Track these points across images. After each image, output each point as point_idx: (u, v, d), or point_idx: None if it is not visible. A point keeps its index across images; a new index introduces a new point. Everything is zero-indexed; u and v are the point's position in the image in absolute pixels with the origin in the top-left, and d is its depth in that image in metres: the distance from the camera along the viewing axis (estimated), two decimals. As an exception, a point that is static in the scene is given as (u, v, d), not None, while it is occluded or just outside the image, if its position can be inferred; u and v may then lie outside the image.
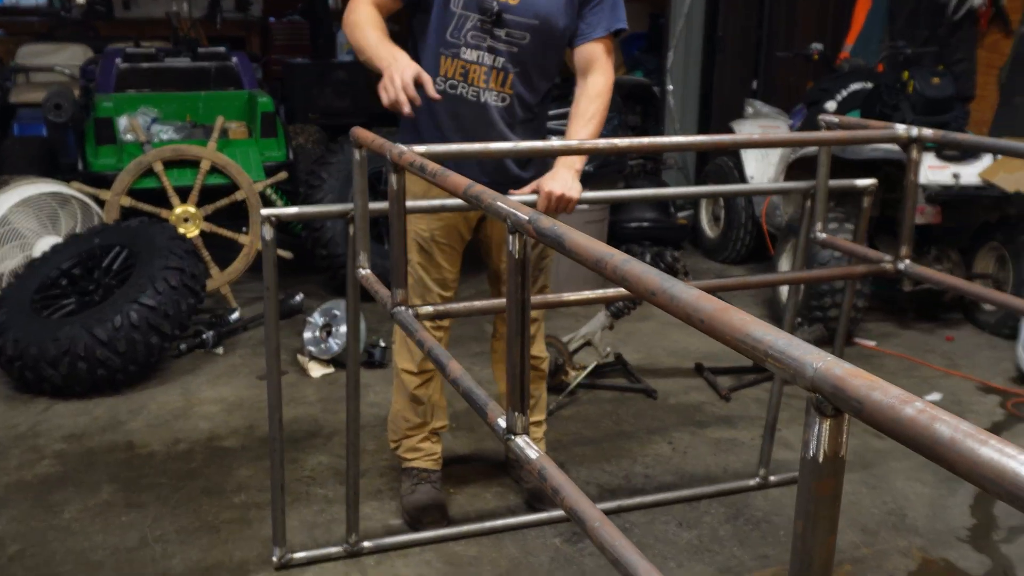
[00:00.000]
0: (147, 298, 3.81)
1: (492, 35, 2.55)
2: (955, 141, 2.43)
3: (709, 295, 0.98)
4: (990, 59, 5.52)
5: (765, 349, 0.87)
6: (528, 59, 2.59)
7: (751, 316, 0.92)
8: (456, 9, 2.54)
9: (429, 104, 2.57)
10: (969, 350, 4.48)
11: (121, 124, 5.01)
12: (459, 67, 2.57)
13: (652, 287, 1.05)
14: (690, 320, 0.98)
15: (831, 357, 0.82)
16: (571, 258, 1.23)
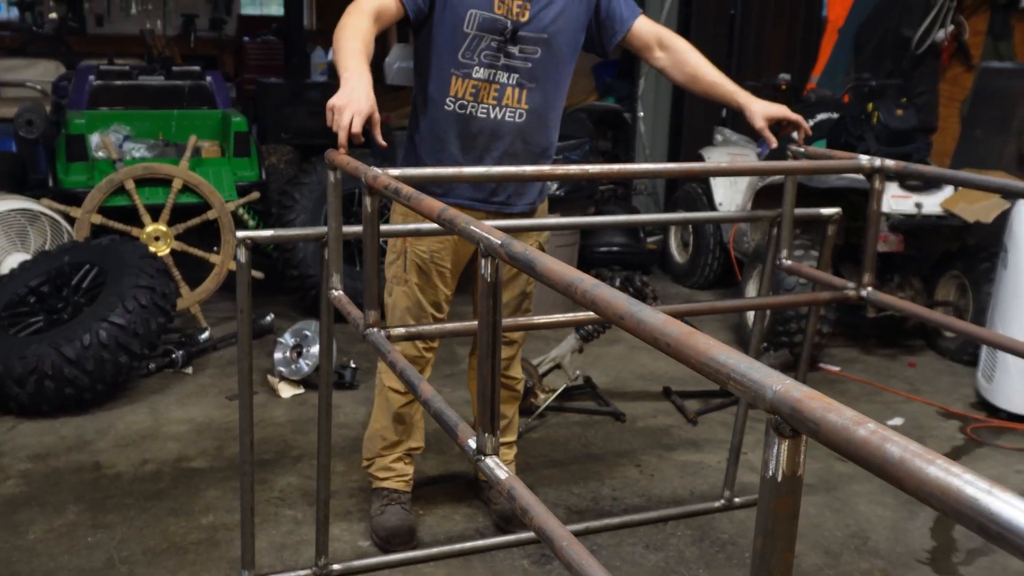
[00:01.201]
0: (116, 317, 3.80)
1: (506, 53, 2.58)
2: (916, 172, 2.50)
3: (675, 320, 1.02)
4: (952, 92, 5.65)
5: (728, 372, 0.91)
6: (541, 73, 2.63)
7: (715, 340, 0.96)
8: (469, 31, 2.56)
9: (434, 123, 2.62)
10: (930, 376, 4.56)
11: (93, 141, 5.00)
12: (470, 87, 2.59)
13: (620, 311, 1.08)
14: (657, 344, 1.02)
15: (790, 380, 0.86)
16: (542, 282, 1.27)
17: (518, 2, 2.57)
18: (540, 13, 2.59)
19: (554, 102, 2.72)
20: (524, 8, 2.58)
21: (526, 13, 2.58)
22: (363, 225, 1.98)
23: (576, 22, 2.67)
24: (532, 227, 2.71)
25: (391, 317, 2.82)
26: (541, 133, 2.72)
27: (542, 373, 3.93)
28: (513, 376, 3.01)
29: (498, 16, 2.56)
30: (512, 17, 2.57)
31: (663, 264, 6.24)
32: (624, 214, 6.00)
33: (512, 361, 3.00)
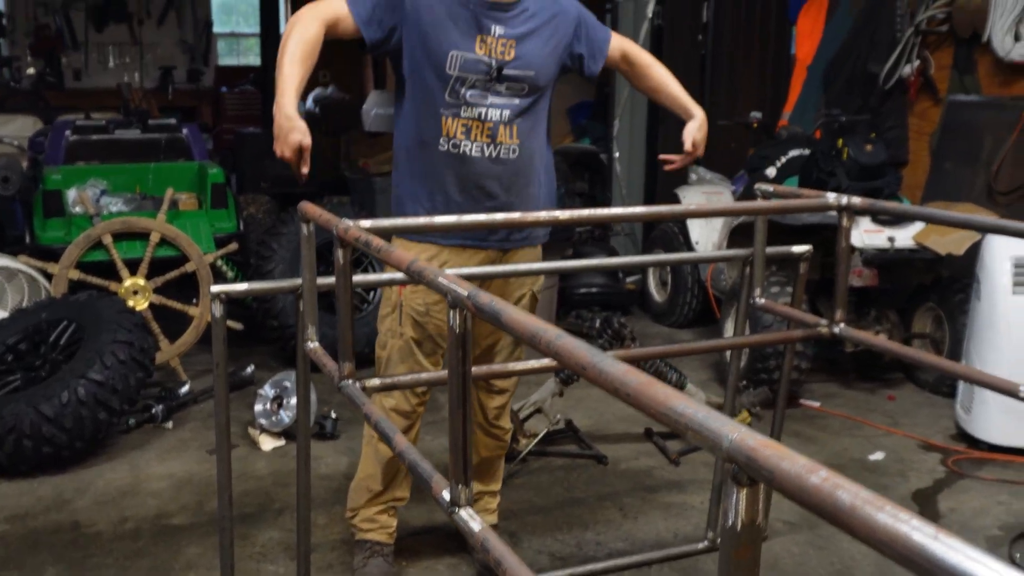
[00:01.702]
0: (95, 373, 3.78)
1: (493, 91, 2.61)
2: (883, 209, 2.53)
3: (636, 370, 1.03)
4: (921, 126, 5.74)
5: (686, 422, 0.92)
6: (530, 108, 2.67)
7: (673, 390, 0.98)
8: (453, 72, 2.58)
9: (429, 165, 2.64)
10: (910, 408, 4.59)
11: (70, 196, 5.00)
12: (460, 125, 2.61)
13: (583, 362, 1.10)
14: (617, 393, 1.03)
15: (745, 429, 0.88)
16: (508, 333, 1.28)
17: (502, 42, 2.61)
18: (526, 51, 2.63)
19: (544, 136, 2.78)
20: (508, 47, 2.61)
21: (511, 52, 2.61)
22: (335, 277, 2.00)
23: (556, 55, 2.72)
24: (512, 273, 2.72)
25: (383, 372, 2.79)
26: (540, 167, 2.76)
27: (523, 418, 3.92)
28: (502, 426, 3.01)
29: (481, 57, 2.59)
30: (496, 56, 2.60)
31: (643, 303, 6.27)
32: (602, 255, 6.03)
33: (502, 410, 3.00)
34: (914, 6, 5.57)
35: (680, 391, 3.81)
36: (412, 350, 2.74)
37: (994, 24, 5.00)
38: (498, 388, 2.94)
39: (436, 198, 2.66)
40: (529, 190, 2.74)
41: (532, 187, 2.75)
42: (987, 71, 5.28)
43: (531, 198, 2.75)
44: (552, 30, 2.69)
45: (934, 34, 5.53)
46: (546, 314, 5.23)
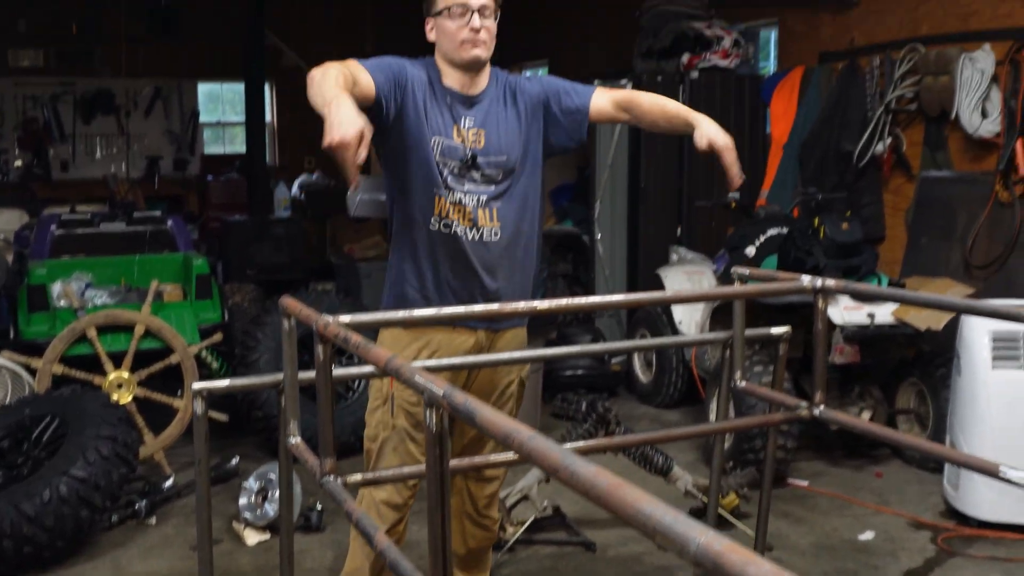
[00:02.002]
0: (77, 470, 3.74)
1: (470, 178, 2.69)
2: (855, 290, 2.58)
3: (605, 471, 1.05)
4: (896, 202, 5.84)
5: (654, 524, 0.94)
6: (508, 191, 2.73)
7: (641, 492, 0.99)
8: (437, 158, 2.68)
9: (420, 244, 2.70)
10: (898, 485, 4.57)
11: (55, 290, 5.02)
12: (448, 208, 2.68)
13: (555, 464, 1.11)
14: (587, 494, 1.04)
15: (712, 533, 0.89)
16: (483, 432, 1.30)
17: (472, 131, 2.70)
18: (495, 139, 2.71)
19: (528, 216, 2.81)
20: (479, 136, 2.70)
21: (481, 140, 2.70)
22: (316, 372, 2.01)
23: (531, 137, 2.78)
24: (496, 362, 2.73)
25: (373, 464, 2.78)
26: (521, 248, 2.80)
27: (510, 506, 3.89)
28: (491, 515, 2.98)
29: (457, 144, 2.68)
30: (469, 145, 2.69)
31: (629, 384, 6.27)
32: (587, 337, 6.06)
33: (492, 499, 2.97)
34: (883, 86, 5.71)
35: (666, 475, 3.80)
36: (405, 441, 2.74)
37: (961, 102, 5.13)
38: (488, 476, 2.93)
39: (428, 276, 2.72)
40: (516, 271, 2.79)
41: (519, 268, 2.80)
42: (957, 147, 5.39)
43: (518, 279, 2.80)
44: (516, 114, 2.77)
45: (904, 112, 5.66)
46: (532, 398, 5.23)
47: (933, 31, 5.50)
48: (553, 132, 2.83)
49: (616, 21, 8.43)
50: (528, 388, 5.11)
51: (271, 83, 12.23)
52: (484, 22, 2.63)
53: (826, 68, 6.24)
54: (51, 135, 12.07)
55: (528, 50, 10.43)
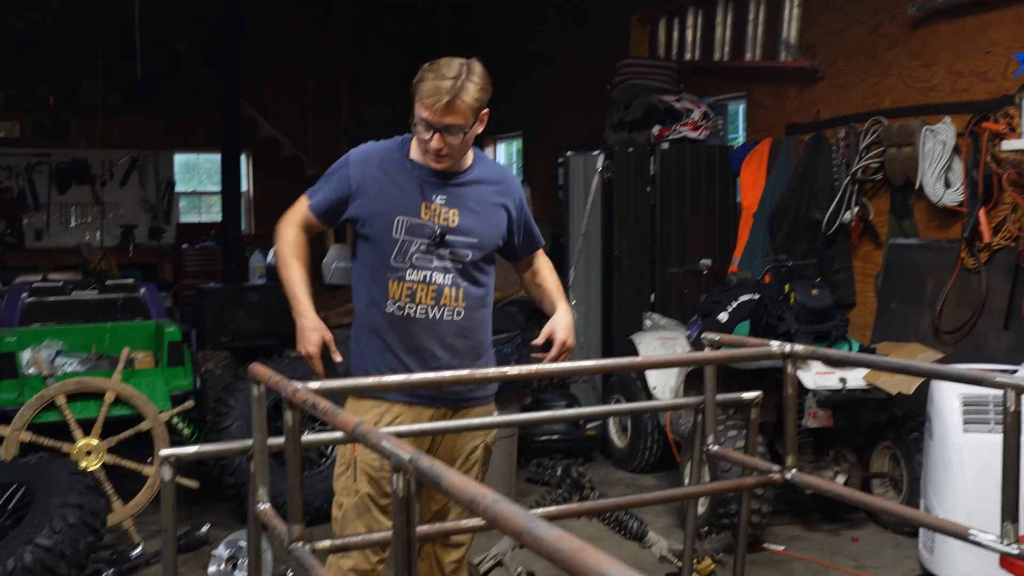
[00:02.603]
0: (43, 538, 3.68)
1: (438, 255, 2.72)
2: (824, 355, 2.61)
3: (569, 536, 1.05)
4: (866, 268, 5.93)
5: (616, 588, 0.94)
6: (474, 271, 2.78)
7: (605, 556, 0.99)
8: (399, 236, 2.70)
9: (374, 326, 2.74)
10: (874, 549, 4.57)
11: (24, 358, 4.98)
12: (405, 289, 2.71)
13: (519, 528, 1.12)
14: (552, 559, 1.05)
15: (671, 593, 0.90)
16: (448, 496, 1.30)
17: (444, 208, 2.74)
18: (469, 219, 2.76)
19: (487, 298, 2.86)
20: (452, 215, 2.74)
21: (455, 219, 2.74)
22: (284, 439, 2.00)
23: (498, 227, 2.84)
24: (465, 428, 2.74)
25: (340, 530, 2.76)
26: (480, 329, 2.83)
27: (484, 572, 3.85)
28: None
29: (425, 222, 2.71)
30: (440, 222, 2.72)
31: (604, 449, 6.25)
32: (561, 402, 6.05)
33: (459, 564, 2.95)
34: (849, 156, 5.84)
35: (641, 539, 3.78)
36: (368, 507, 2.72)
37: (924, 173, 5.25)
38: (454, 542, 2.91)
39: (385, 355, 2.73)
40: (473, 350, 2.81)
41: (477, 347, 2.82)
42: (923, 216, 5.50)
43: (476, 358, 2.82)
44: (496, 201, 2.83)
45: (870, 182, 5.78)
46: (507, 462, 5.20)
47: (895, 104, 5.66)
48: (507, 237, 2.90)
49: (588, 94, 8.59)
50: (502, 452, 5.12)
51: (247, 153, 12.32)
52: (451, 139, 2.64)
53: (793, 139, 6.38)
54: (25, 204, 12.06)
55: (501, 122, 10.58)
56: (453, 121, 2.61)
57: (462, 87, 2.59)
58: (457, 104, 2.59)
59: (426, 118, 2.61)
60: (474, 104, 2.63)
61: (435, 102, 2.57)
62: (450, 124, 2.61)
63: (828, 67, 6.18)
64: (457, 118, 2.61)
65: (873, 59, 5.83)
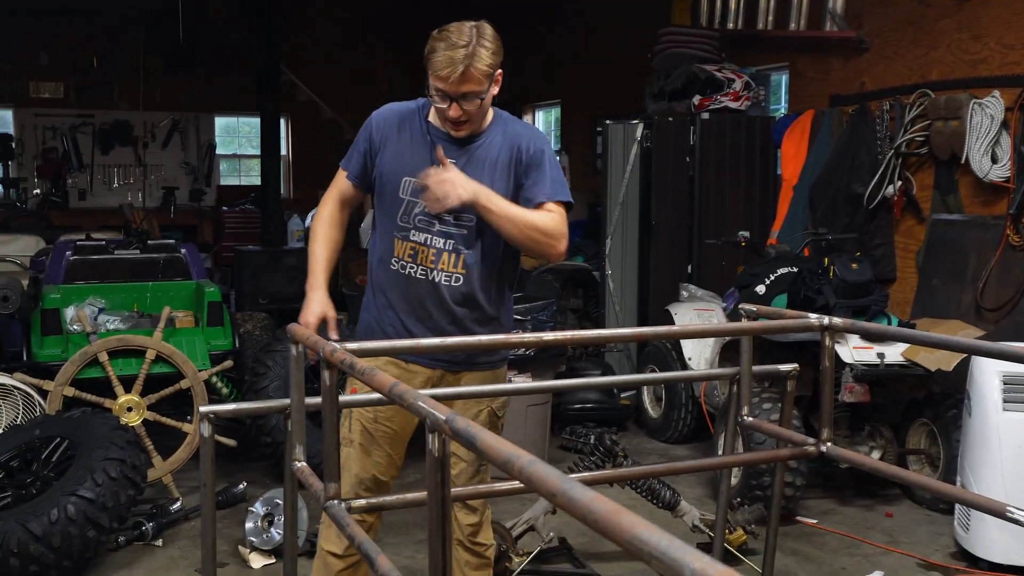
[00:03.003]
0: (85, 490, 3.76)
1: (441, 219, 2.70)
2: (862, 329, 2.59)
3: (603, 497, 1.06)
4: (907, 244, 5.85)
5: (649, 550, 0.95)
6: (479, 239, 2.73)
7: (639, 518, 1.00)
8: (404, 196, 2.72)
9: (380, 282, 2.77)
10: (908, 525, 4.55)
11: (68, 315, 5.06)
12: (408, 248, 2.73)
13: (553, 488, 1.13)
14: (585, 520, 1.06)
15: (707, 559, 0.90)
16: (483, 457, 1.31)
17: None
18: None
19: (498, 265, 2.79)
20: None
21: None
22: (322, 398, 2.03)
23: (506, 184, 2.72)
24: (494, 392, 2.76)
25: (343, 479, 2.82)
26: (484, 297, 2.78)
27: (516, 536, 3.89)
28: (481, 542, 2.98)
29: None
30: None
31: (638, 419, 6.26)
32: (595, 371, 6.06)
33: (480, 527, 2.97)
34: (893, 129, 5.75)
35: (673, 509, 3.80)
36: (361, 459, 2.78)
37: (971, 147, 5.16)
38: (471, 505, 2.91)
39: (387, 312, 2.77)
40: (476, 317, 2.77)
41: (480, 315, 2.78)
42: (968, 191, 5.41)
43: (481, 324, 2.78)
44: (507, 161, 2.72)
45: (914, 156, 5.69)
46: (540, 430, 5.23)
47: (943, 76, 5.55)
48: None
49: (628, 62, 8.52)
50: (536, 419, 5.15)
51: (286, 117, 12.38)
52: (467, 106, 2.61)
53: (837, 111, 6.29)
54: (69, 165, 12.23)
55: (541, 91, 10.54)
56: (469, 89, 2.58)
57: (474, 53, 2.55)
58: (472, 72, 2.55)
59: (442, 88, 2.58)
60: (488, 69, 2.59)
61: (450, 73, 2.54)
62: (467, 92, 2.58)
63: (874, 38, 6.07)
64: (472, 85, 2.58)
65: (921, 30, 5.72)
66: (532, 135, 2.80)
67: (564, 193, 2.74)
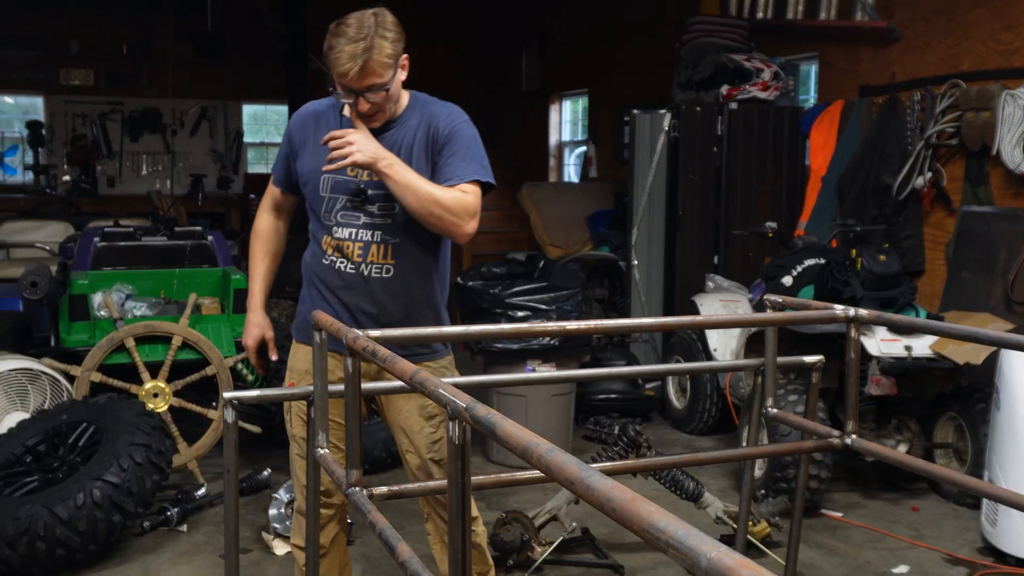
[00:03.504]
0: (111, 475, 3.80)
1: (365, 211, 2.68)
2: (889, 320, 2.55)
3: (621, 486, 1.05)
4: (936, 236, 5.78)
5: (667, 539, 0.94)
6: (405, 226, 2.68)
7: (656, 507, 0.99)
8: (324, 193, 2.70)
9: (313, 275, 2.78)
10: (935, 520, 4.50)
11: (95, 300, 5.11)
12: (334, 244, 2.71)
13: (571, 476, 1.12)
14: (603, 508, 1.05)
15: (724, 548, 0.89)
16: (502, 445, 1.31)
17: None
18: None
19: (428, 254, 2.76)
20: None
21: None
22: (344, 385, 2.03)
23: (425, 167, 2.67)
24: (513, 381, 2.75)
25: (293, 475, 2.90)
26: (418, 286, 2.76)
27: (538, 526, 3.89)
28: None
29: (349, 178, 2.67)
30: (364, 178, 2.66)
31: (663, 410, 6.24)
32: (620, 361, 6.04)
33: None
34: (924, 120, 5.68)
35: (696, 500, 3.78)
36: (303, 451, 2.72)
37: (1002, 138, 5.09)
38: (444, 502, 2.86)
39: (321, 304, 2.73)
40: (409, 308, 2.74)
41: (413, 305, 2.75)
42: (999, 183, 5.34)
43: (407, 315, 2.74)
44: (423, 147, 2.67)
45: (945, 147, 5.62)
46: (563, 420, 5.23)
47: (974, 67, 5.47)
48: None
49: (655, 52, 8.47)
50: (560, 409, 5.14)
51: (315, 105, 12.40)
52: (374, 98, 2.56)
53: (866, 102, 6.22)
54: (99, 152, 12.34)
55: (568, 81, 10.50)
56: (372, 82, 2.53)
57: (372, 46, 2.49)
58: (371, 65, 2.50)
59: (345, 84, 2.54)
60: (388, 60, 2.53)
61: (350, 68, 2.49)
62: (370, 85, 2.54)
63: (905, 28, 6.00)
64: (374, 78, 2.53)
65: (953, 20, 5.64)
66: (449, 114, 2.71)
67: (479, 172, 2.64)
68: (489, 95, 12.01)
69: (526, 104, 11.31)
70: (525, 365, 4.98)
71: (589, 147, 10.25)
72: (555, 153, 11.21)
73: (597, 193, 9.22)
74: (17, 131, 12.40)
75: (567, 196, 9.32)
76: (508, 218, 10.91)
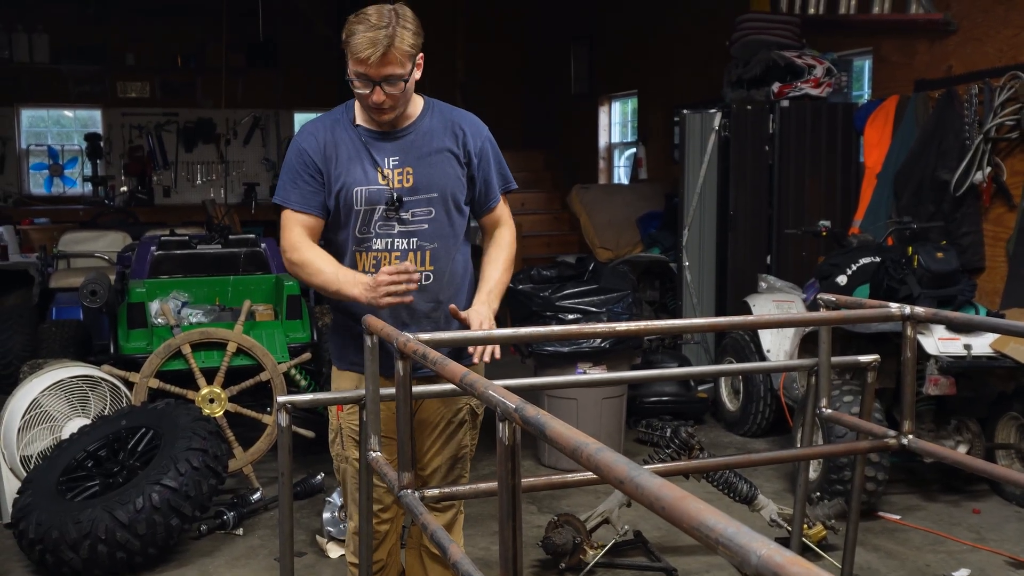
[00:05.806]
0: (169, 479, 3.86)
1: (400, 220, 2.66)
2: (946, 318, 2.50)
3: (671, 484, 1.04)
4: (996, 232, 5.66)
5: (716, 537, 0.93)
6: (441, 231, 2.69)
7: (706, 505, 0.98)
8: (360, 207, 2.65)
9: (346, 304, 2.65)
10: (997, 523, 4.40)
11: (153, 308, 5.20)
12: (371, 259, 2.68)
13: (620, 476, 1.11)
14: (652, 507, 1.04)
15: (774, 545, 0.88)
16: (551, 445, 1.30)
17: (397, 171, 2.66)
18: (424, 175, 2.66)
19: (458, 256, 2.76)
20: (406, 175, 2.66)
21: (410, 179, 2.65)
22: (396, 388, 2.04)
23: (456, 176, 2.70)
24: (563, 384, 2.74)
25: (346, 497, 2.85)
26: (453, 289, 2.74)
27: (590, 528, 3.87)
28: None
29: (382, 187, 2.64)
30: (395, 186, 2.64)
31: (715, 412, 6.18)
32: (672, 363, 6.00)
33: (453, 526, 2.88)
34: (982, 114, 5.56)
35: (750, 503, 3.74)
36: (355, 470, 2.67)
37: (1065, 130, 4.96)
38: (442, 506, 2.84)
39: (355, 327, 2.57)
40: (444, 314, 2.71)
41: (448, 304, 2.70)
42: (1062, 177, 5.21)
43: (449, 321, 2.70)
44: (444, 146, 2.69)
45: (1004, 141, 5.49)
46: (615, 422, 5.20)
47: (1035, 57, 5.35)
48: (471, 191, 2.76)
49: (706, 51, 8.41)
50: (611, 411, 5.12)
51: (366, 111, 12.50)
52: (391, 90, 2.54)
53: (922, 96, 6.11)
54: (155, 162, 12.57)
55: (617, 82, 10.47)
56: (391, 71, 2.52)
57: (395, 34, 2.49)
58: (393, 53, 2.49)
59: (363, 72, 2.52)
60: (410, 50, 2.53)
61: (371, 54, 2.47)
62: (389, 74, 2.52)
63: (962, 19, 5.88)
64: (395, 67, 2.51)
65: (1012, 9, 5.51)
66: (473, 123, 2.76)
67: (506, 183, 2.84)
68: (539, 98, 12.02)
69: (575, 106, 11.31)
70: (576, 368, 4.96)
71: (639, 148, 10.19)
72: (605, 155, 11.18)
73: (647, 194, 9.17)
74: (76, 144, 12.68)
75: (617, 198, 9.29)
76: (558, 221, 10.89)
